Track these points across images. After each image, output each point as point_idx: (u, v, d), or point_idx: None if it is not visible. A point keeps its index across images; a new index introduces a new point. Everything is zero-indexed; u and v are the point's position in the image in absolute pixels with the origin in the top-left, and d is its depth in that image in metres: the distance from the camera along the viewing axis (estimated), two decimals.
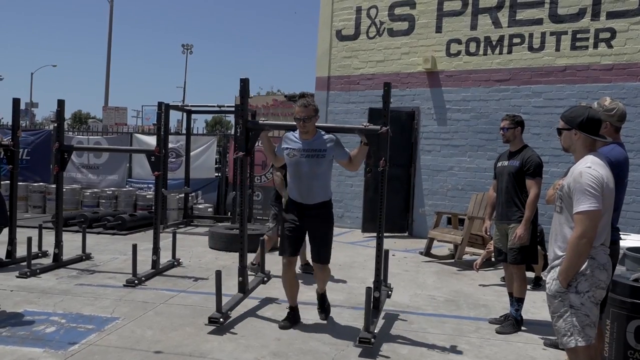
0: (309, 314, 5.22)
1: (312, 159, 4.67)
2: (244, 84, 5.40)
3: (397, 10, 10.97)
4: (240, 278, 5.43)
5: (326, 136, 4.77)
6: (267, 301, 5.75)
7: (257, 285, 5.89)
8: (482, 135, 10.23)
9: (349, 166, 4.90)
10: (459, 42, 10.42)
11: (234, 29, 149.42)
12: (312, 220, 4.79)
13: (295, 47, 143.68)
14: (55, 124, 7.52)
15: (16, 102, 7.24)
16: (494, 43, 10.11)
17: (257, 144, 5.63)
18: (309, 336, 4.74)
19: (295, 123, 4.74)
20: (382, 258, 5.22)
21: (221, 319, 4.78)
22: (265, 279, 6.14)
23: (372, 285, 4.98)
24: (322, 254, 4.85)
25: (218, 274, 4.96)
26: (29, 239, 6.57)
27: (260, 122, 5.37)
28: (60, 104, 7.06)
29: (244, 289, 5.44)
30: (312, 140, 4.72)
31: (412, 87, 10.87)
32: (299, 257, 7.12)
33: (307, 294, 5.73)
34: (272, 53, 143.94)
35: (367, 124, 4.92)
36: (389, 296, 5.69)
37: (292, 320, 5.01)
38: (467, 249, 8.12)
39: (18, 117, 7.29)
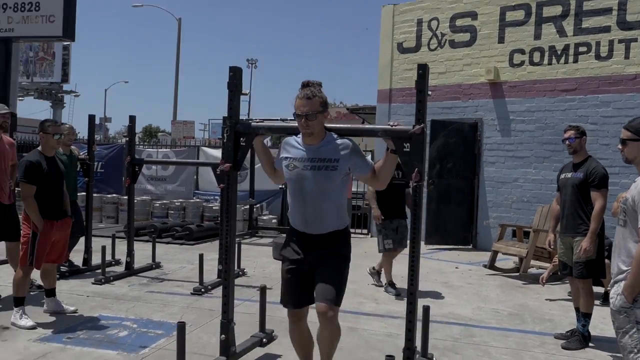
0: (369, 325, 5.25)
1: (320, 171, 3.38)
2: (234, 74, 3.95)
3: (459, 22, 10.92)
4: (223, 336, 4.01)
5: (339, 141, 3.46)
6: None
7: (251, 349, 4.47)
8: (547, 146, 10.00)
9: (374, 182, 3.59)
10: (522, 52, 10.26)
11: (297, 41, 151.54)
12: (320, 253, 3.44)
13: (359, 59, 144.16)
14: (127, 139, 7.91)
15: (91, 118, 7.68)
16: (558, 52, 9.90)
17: None
18: None
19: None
20: (414, 316, 3.72)
21: None
22: (265, 340, 4.63)
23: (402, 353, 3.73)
24: (328, 290, 3.35)
25: (180, 328, 3.68)
26: (103, 248, 6.92)
27: (253, 124, 3.91)
28: (132, 119, 7.43)
29: (228, 352, 4.02)
30: (318, 147, 3.44)
31: (475, 98, 10.78)
32: (383, 273, 7.00)
33: (368, 305, 5.74)
34: (335, 65, 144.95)
35: (396, 123, 3.64)
36: None
37: None
38: (533, 262, 7.94)
39: (93, 133, 7.71)
